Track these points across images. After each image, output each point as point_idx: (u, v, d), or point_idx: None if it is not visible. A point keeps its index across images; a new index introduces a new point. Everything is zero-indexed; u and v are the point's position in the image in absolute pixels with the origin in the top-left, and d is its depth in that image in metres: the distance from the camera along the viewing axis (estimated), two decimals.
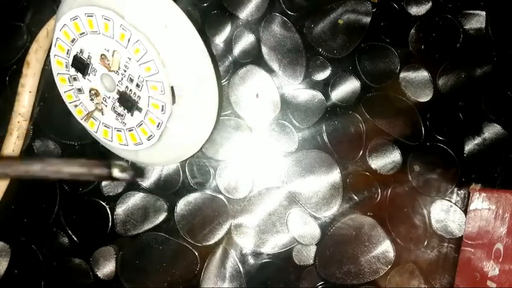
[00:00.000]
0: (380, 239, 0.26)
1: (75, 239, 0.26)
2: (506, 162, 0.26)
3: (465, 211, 0.26)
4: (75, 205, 0.26)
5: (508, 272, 0.22)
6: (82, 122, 0.23)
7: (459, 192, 0.26)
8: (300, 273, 0.26)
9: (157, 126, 0.21)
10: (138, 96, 0.21)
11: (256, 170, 0.26)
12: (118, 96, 0.21)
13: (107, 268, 0.26)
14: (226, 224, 0.26)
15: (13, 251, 0.26)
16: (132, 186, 0.26)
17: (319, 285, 0.26)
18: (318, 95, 0.26)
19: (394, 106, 0.26)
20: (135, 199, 0.26)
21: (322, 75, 0.26)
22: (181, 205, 0.26)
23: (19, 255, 0.26)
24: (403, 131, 0.26)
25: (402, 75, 0.26)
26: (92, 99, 0.22)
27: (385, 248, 0.26)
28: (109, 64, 0.21)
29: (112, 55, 0.21)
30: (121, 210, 0.26)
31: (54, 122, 0.26)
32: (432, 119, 0.26)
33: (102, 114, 0.22)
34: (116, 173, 0.15)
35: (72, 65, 0.22)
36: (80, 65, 0.22)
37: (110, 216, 0.26)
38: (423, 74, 0.26)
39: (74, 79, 0.22)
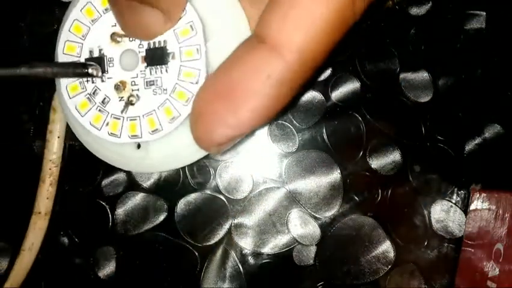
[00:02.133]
0: (380, 239, 0.26)
1: (75, 239, 0.26)
2: (506, 162, 0.26)
3: (465, 211, 0.26)
4: (75, 205, 0.26)
5: (508, 272, 0.22)
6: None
7: (459, 192, 0.26)
8: (300, 274, 0.26)
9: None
10: (164, 41, 0.18)
11: (256, 170, 0.26)
12: (145, 64, 0.18)
13: (107, 268, 0.26)
14: (226, 224, 0.26)
15: (14, 251, 0.26)
16: (132, 186, 0.26)
17: (319, 286, 0.26)
18: (318, 95, 0.26)
19: (394, 106, 0.26)
20: (135, 199, 0.26)
21: (322, 75, 0.26)
22: (181, 205, 0.26)
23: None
24: (403, 131, 0.26)
25: (402, 75, 0.26)
26: (121, 98, 0.18)
27: (385, 248, 0.26)
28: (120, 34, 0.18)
29: None
30: (121, 210, 0.26)
31: None
32: (432, 119, 0.26)
33: (137, 99, 0.18)
34: (91, 71, 0.18)
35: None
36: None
37: (110, 216, 0.26)
38: (423, 74, 0.26)
39: (94, 94, 0.19)
